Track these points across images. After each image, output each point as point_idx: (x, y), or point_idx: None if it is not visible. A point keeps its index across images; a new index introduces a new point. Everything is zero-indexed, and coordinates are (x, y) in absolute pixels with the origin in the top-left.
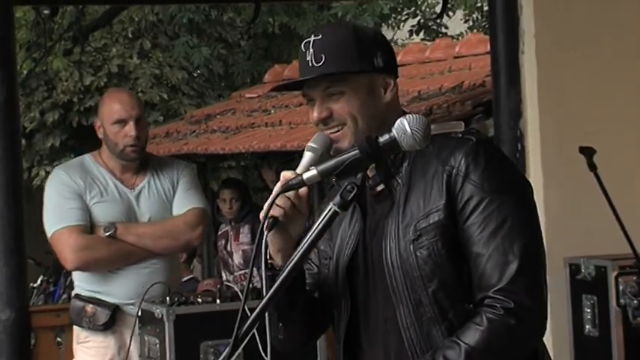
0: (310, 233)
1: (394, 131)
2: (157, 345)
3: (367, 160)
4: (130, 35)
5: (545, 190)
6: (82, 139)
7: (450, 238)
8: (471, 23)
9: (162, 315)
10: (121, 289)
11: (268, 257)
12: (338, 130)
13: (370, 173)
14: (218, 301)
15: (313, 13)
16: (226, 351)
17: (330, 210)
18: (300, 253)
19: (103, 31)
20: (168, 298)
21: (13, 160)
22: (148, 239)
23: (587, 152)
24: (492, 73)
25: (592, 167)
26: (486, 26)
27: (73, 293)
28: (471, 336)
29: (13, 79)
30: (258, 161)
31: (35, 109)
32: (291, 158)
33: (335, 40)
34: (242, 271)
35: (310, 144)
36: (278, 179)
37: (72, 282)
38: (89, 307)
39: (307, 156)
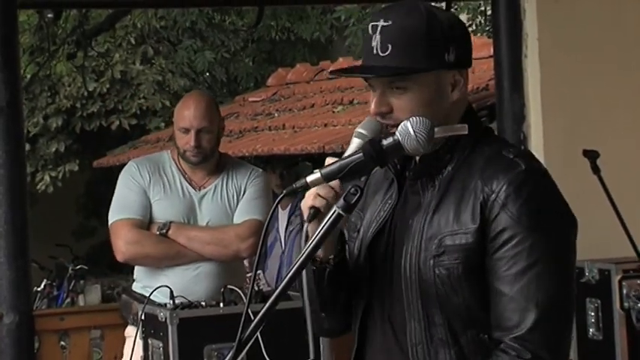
0: (314, 237)
1: (398, 134)
2: (161, 348)
3: (371, 163)
4: (133, 42)
5: None
6: (86, 145)
7: (473, 264)
8: (474, 27)
9: (165, 318)
10: (167, 289)
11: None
12: (392, 127)
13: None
14: (222, 304)
15: (316, 17)
16: (230, 354)
17: (334, 212)
18: (303, 257)
19: (107, 35)
20: (171, 302)
21: (18, 164)
22: (198, 243)
23: (591, 155)
24: (495, 76)
25: (595, 170)
26: (489, 30)
27: (124, 287)
28: None
29: (16, 82)
30: (261, 165)
31: (39, 114)
32: (294, 162)
33: (405, 29)
34: (247, 275)
35: (359, 130)
36: (282, 183)
37: (75, 286)
38: (134, 305)
39: (355, 142)
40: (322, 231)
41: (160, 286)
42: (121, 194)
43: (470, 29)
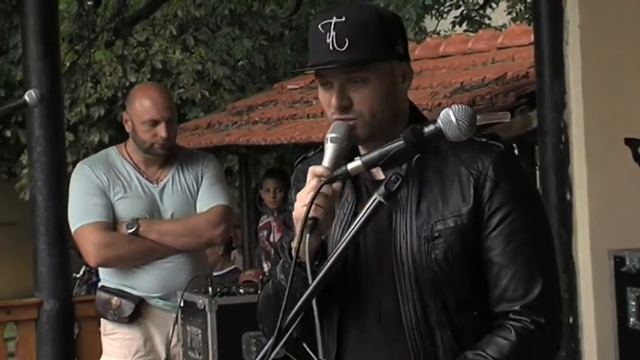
0: (355, 224)
1: (439, 121)
2: (200, 335)
3: (412, 150)
4: (173, 31)
5: (590, 182)
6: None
7: (468, 244)
8: (514, 15)
9: (204, 306)
10: (146, 282)
11: (298, 258)
12: (352, 120)
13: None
14: (260, 292)
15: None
16: (269, 342)
17: (374, 200)
18: (344, 243)
19: (145, 24)
20: (210, 289)
21: (58, 152)
22: (170, 237)
23: (633, 143)
24: (536, 64)
25: (637, 158)
26: (530, 17)
27: (99, 285)
28: (499, 350)
29: (57, 71)
30: (300, 153)
31: (81, 103)
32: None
33: (359, 23)
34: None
35: (332, 134)
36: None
37: None
38: (114, 300)
39: (331, 147)
40: (362, 220)
41: (196, 275)
42: (80, 199)
43: (509, 17)
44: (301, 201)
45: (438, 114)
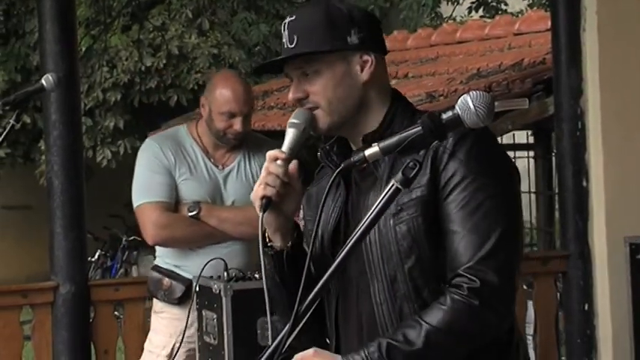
0: (372, 211)
1: (457, 108)
2: (215, 320)
3: (430, 137)
4: (190, 15)
5: (606, 168)
6: (144, 120)
7: (430, 215)
8: (530, 1)
9: (219, 290)
10: (198, 265)
11: (267, 240)
12: (313, 109)
13: (355, 148)
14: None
15: None
16: (286, 328)
17: (392, 187)
18: (361, 230)
19: (161, 8)
20: (225, 274)
21: (74, 136)
22: (229, 224)
23: None
24: (553, 50)
25: None
26: (546, 3)
27: (153, 264)
28: (434, 316)
29: (73, 54)
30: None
31: (98, 88)
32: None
33: (306, 20)
34: None
35: (292, 120)
36: None
37: (129, 257)
38: (165, 281)
39: (291, 133)
40: (380, 206)
41: (213, 259)
42: (145, 176)
43: (526, 3)
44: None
45: (455, 100)
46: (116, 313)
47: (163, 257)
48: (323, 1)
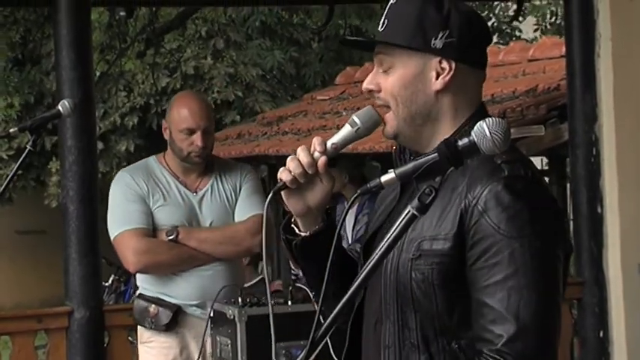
0: (388, 237)
1: (473, 135)
2: (229, 346)
3: (446, 163)
4: (203, 35)
5: (620, 194)
6: (160, 142)
7: (448, 270)
8: (541, 30)
9: (234, 316)
10: (183, 290)
11: (292, 221)
12: (385, 108)
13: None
14: (289, 302)
15: None
16: (302, 354)
17: (407, 213)
18: (377, 255)
19: (176, 33)
20: (240, 299)
21: (89, 161)
22: (209, 244)
23: None
24: (567, 76)
25: None
26: (559, 30)
27: (137, 293)
28: None
29: (89, 80)
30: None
31: (114, 113)
32: (361, 162)
33: (402, 7)
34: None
35: (353, 116)
36: (352, 183)
37: None
38: (152, 308)
39: (344, 129)
40: (395, 232)
41: (225, 286)
42: (120, 206)
43: (539, 32)
44: None
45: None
46: (129, 338)
47: (145, 285)
48: None
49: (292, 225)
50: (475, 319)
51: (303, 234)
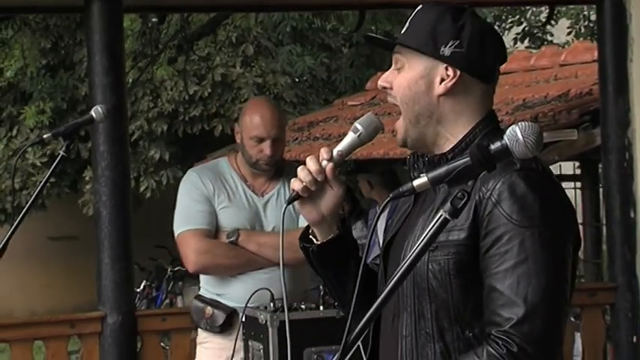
0: (420, 241)
1: (506, 138)
2: (261, 350)
3: (478, 167)
4: (233, 41)
5: None
6: (189, 149)
7: (463, 260)
8: (574, 33)
9: (266, 321)
10: (240, 293)
11: (310, 232)
12: (396, 107)
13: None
14: (321, 307)
15: None
16: (335, 357)
17: (440, 217)
18: (409, 260)
19: (207, 40)
20: (272, 304)
21: (122, 167)
22: (269, 249)
23: None
24: (600, 81)
25: None
26: (592, 34)
27: (196, 294)
28: None
29: (122, 87)
30: (353, 173)
31: (141, 117)
32: (389, 168)
33: (423, 14)
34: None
35: (356, 123)
36: (385, 188)
37: (174, 288)
38: (208, 309)
39: (348, 137)
40: (428, 236)
41: (260, 289)
42: (185, 205)
43: (571, 36)
44: None
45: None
46: (162, 343)
47: (206, 286)
48: (450, 6)
49: (310, 235)
50: (486, 304)
51: (318, 242)
